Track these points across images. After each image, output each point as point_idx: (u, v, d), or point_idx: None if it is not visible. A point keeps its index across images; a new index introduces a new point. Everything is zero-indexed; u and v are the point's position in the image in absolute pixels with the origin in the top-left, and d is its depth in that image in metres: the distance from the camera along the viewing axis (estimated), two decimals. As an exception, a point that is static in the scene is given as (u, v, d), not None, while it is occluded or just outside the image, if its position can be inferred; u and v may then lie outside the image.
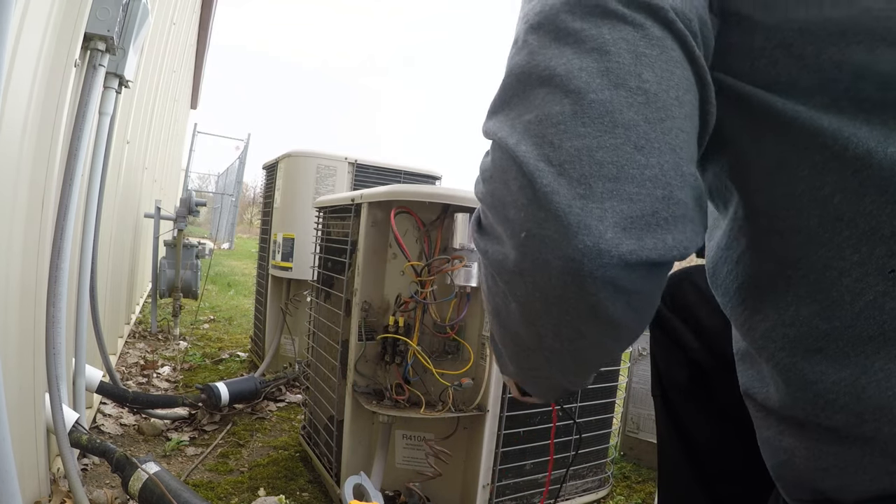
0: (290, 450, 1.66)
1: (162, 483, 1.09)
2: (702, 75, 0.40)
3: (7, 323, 0.96)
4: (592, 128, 0.37)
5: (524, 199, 0.38)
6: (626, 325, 0.41)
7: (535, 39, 0.41)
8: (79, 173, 1.19)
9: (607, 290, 0.37)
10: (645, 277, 0.38)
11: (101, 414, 1.77)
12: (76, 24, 1.10)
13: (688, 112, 0.39)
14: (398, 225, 1.20)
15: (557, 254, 0.37)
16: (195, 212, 3.04)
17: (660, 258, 0.37)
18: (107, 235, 2.00)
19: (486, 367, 1.18)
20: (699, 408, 0.80)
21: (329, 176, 2.22)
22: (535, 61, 0.40)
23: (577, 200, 0.36)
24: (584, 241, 0.36)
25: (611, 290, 0.37)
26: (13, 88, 0.89)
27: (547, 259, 0.38)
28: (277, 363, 2.32)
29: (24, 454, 1.03)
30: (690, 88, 0.40)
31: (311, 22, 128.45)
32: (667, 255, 0.37)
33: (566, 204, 0.36)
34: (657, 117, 0.37)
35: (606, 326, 0.40)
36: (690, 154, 0.39)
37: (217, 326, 3.43)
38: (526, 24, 0.42)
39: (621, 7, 0.38)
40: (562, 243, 0.37)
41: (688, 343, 0.80)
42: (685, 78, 0.39)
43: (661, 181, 0.37)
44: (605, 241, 0.36)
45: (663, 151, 0.37)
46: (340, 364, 1.31)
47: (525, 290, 0.40)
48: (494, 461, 1.21)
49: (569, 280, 0.37)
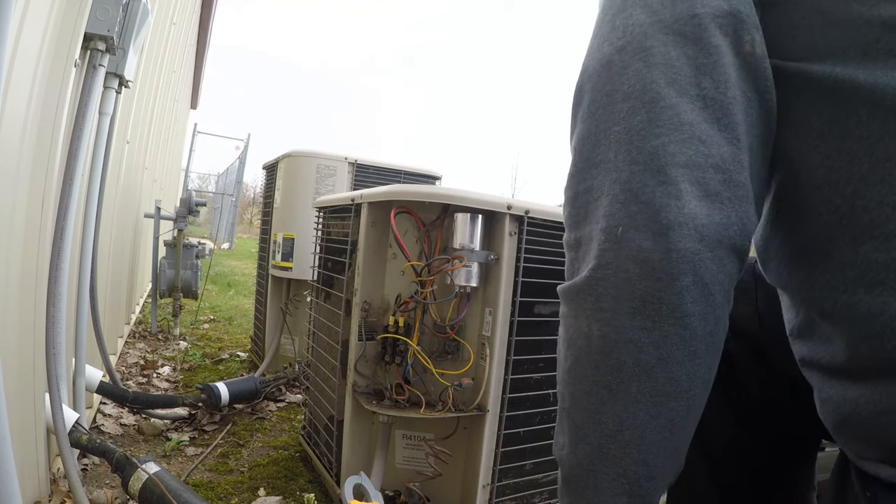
0: (290, 450, 1.66)
1: (162, 483, 1.09)
2: (756, 67, 0.47)
3: (7, 323, 0.96)
4: (664, 128, 0.45)
5: (621, 198, 0.46)
6: (699, 318, 0.46)
7: (619, 59, 0.49)
8: (79, 173, 1.19)
9: (688, 272, 0.44)
10: (721, 261, 0.45)
11: (101, 414, 1.77)
12: (76, 24, 1.10)
13: (744, 108, 0.47)
14: (398, 225, 1.20)
15: (647, 234, 0.45)
16: (195, 212, 3.04)
17: (728, 233, 0.45)
18: (107, 235, 2.00)
19: (486, 367, 1.18)
20: (724, 400, 0.77)
21: (329, 176, 2.22)
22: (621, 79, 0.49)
23: (659, 187, 0.45)
24: (668, 216, 0.44)
25: (690, 273, 0.44)
26: (13, 88, 0.89)
27: (640, 244, 0.45)
28: (277, 363, 2.31)
29: (24, 454, 1.03)
30: (747, 84, 0.47)
31: (311, 22, 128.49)
32: (733, 229, 0.45)
33: (650, 191, 0.45)
34: (715, 117, 0.46)
35: (683, 320, 0.45)
36: (749, 143, 0.47)
37: (217, 326, 3.43)
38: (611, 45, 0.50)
39: (682, 26, 0.47)
40: (651, 224, 0.44)
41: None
42: (740, 77, 0.47)
43: (722, 167, 0.45)
44: (683, 215, 0.44)
45: (721, 144, 0.45)
46: (340, 364, 1.31)
47: (618, 290, 0.46)
48: (494, 461, 1.21)
49: (657, 258, 0.44)
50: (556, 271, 1.25)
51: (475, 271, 1.18)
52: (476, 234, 1.17)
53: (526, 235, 1.18)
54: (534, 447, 1.27)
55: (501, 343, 1.18)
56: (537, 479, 1.29)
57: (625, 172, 0.46)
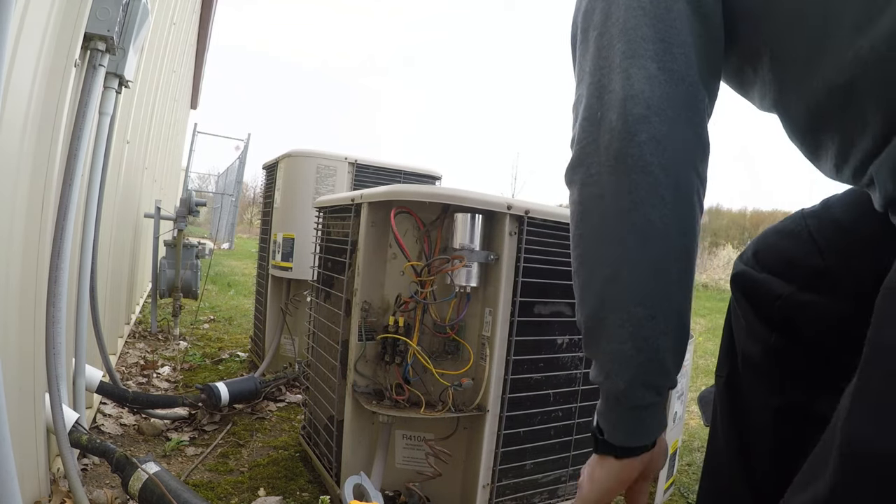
0: (290, 450, 1.66)
1: (162, 483, 1.09)
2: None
3: (7, 323, 0.97)
4: (618, 38, 0.58)
5: (595, 93, 0.60)
6: (660, 168, 0.57)
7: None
8: (79, 173, 1.19)
9: (642, 131, 0.57)
10: (670, 123, 0.57)
11: (101, 414, 1.77)
12: (76, 23, 1.10)
13: (680, 18, 0.58)
14: (398, 225, 1.20)
15: (613, 111, 0.58)
16: (195, 212, 3.04)
17: (672, 102, 0.57)
18: (107, 235, 2.00)
19: (486, 367, 1.18)
20: (769, 390, 0.74)
21: (329, 176, 2.22)
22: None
23: (617, 80, 0.58)
24: (623, 94, 0.57)
25: (645, 132, 0.56)
26: (13, 88, 0.89)
27: (610, 118, 0.58)
28: (277, 363, 2.31)
29: (24, 454, 1.03)
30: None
31: (311, 22, 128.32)
32: (676, 98, 0.57)
33: (612, 84, 0.59)
34: (650, 22, 0.57)
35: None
36: (679, 39, 0.58)
37: (217, 326, 3.43)
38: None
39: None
40: (614, 103, 0.58)
41: (779, 291, 0.73)
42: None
43: (659, 57, 0.57)
44: (633, 90, 0.57)
45: (655, 41, 0.57)
46: (340, 364, 1.31)
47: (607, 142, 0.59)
48: (494, 461, 1.21)
49: (620, 124, 0.57)
50: (556, 271, 1.25)
51: (475, 271, 1.18)
52: (476, 234, 1.17)
53: (526, 235, 1.18)
54: (534, 447, 1.27)
55: (501, 343, 1.18)
56: (537, 479, 1.30)
57: (595, 76, 0.60)
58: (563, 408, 1.32)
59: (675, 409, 1.45)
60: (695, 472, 1.73)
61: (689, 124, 0.58)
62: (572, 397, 1.34)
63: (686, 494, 1.55)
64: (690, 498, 1.52)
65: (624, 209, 0.57)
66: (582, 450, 1.37)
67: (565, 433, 1.33)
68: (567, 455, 1.34)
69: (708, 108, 0.61)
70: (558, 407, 1.31)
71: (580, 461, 1.38)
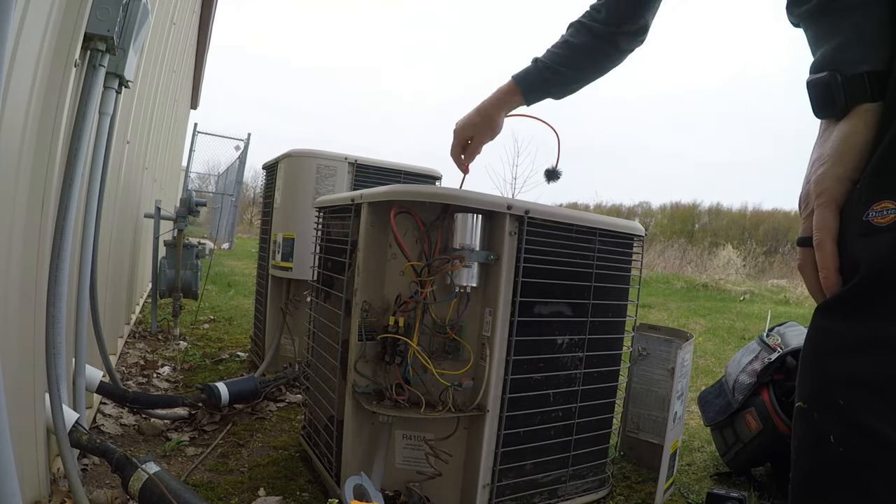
0: (290, 450, 1.66)
1: (162, 483, 1.09)
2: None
3: (7, 323, 0.96)
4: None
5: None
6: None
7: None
8: (79, 173, 1.19)
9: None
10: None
11: (101, 414, 1.77)
12: (76, 24, 1.10)
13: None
14: (398, 225, 1.20)
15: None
16: (195, 212, 3.04)
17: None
18: (107, 235, 2.00)
19: (486, 367, 1.18)
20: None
21: (329, 176, 2.22)
22: None
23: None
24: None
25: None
26: (13, 88, 0.89)
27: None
28: (277, 363, 2.31)
29: (24, 454, 1.03)
30: None
31: (311, 22, 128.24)
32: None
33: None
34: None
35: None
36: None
37: (217, 326, 3.43)
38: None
39: None
40: None
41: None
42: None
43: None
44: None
45: None
46: (340, 364, 1.31)
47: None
48: (494, 461, 1.21)
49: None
50: (556, 271, 1.25)
51: (475, 271, 1.18)
52: (476, 234, 1.17)
53: (526, 235, 1.18)
54: (534, 447, 1.27)
55: (501, 343, 1.18)
56: (537, 479, 1.30)
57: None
58: (563, 408, 1.32)
59: (675, 410, 1.45)
60: (695, 472, 1.73)
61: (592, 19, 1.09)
62: (572, 397, 1.34)
63: (686, 494, 1.55)
64: (690, 498, 1.52)
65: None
66: (582, 449, 1.37)
67: (565, 433, 1.33)
68: (567, 455, 1.34)
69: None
70: (558, 407, 1.31)
71: (580, 461, 1.38)
